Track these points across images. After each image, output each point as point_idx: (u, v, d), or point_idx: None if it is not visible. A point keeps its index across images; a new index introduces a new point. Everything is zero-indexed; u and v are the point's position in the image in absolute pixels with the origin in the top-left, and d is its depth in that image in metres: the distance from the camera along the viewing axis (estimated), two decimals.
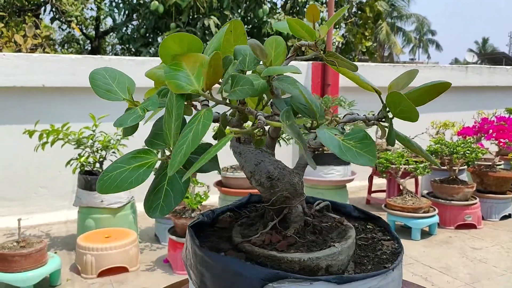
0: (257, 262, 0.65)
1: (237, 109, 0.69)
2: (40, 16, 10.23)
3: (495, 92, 6.33)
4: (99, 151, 3.26)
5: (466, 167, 4.11)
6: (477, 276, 2.87)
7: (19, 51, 6.69)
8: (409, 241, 3.49)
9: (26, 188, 4.02)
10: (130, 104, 0.66)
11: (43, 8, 11.02)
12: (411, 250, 3.29)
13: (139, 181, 0.58)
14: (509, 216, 4.14)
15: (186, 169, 0.59)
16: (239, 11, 9.30)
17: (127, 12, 9.92)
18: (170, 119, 0.59)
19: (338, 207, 0.90)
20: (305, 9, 10.66)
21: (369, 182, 4.52)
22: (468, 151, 3.79)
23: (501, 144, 4.06)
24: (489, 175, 4.05)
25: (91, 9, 13.00)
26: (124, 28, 10.22)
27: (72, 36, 14.56)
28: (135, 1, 9.57)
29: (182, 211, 2.93)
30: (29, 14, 8.97)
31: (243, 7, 9.17)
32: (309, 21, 0.71)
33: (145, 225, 3.82)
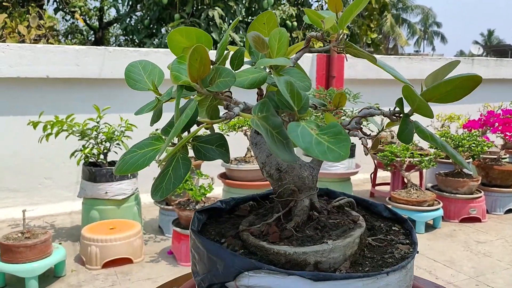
0: (249, 251, 0.67)
1: (224, 100, 0.69)
2: (44, 7, 10.20)
3: (501, 85, 6.27)
4: (103, 143, 3.26)
5: (471, 160, 4.09)
6: (481, 270, 2.86)
7: (23, 41, 6.68)
8: None
9: (31, 179, 4.03)
10: (157, 94, 0.71)
11: None
12: None
13: (144, 165, 0.61)
14: None
15: (196, 156, 0.64)
16: (244, 2, 9.24)
17: (131, 2, 9.88)
18: (176, 108, 0.62)
19: (369, 206, 0.87)
20: (310, 1, 10.57)
21: (373, 175, 4.50)
22: (473, 145, 3.77)
23: (507, 137, 4.03)
24: (494, 168, 4.03)
25: None
26: (128, 19, 10.18)
27: (75, 27, 14.54)
28: None
29: (186, 203, 2.93)
30: (32, 4, 8.95)
31: None
32: (332, 11, 0.70)
33: (149, 216, 3.83)
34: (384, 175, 4.84)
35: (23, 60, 3.83)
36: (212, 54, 0.62)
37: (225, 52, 0.67)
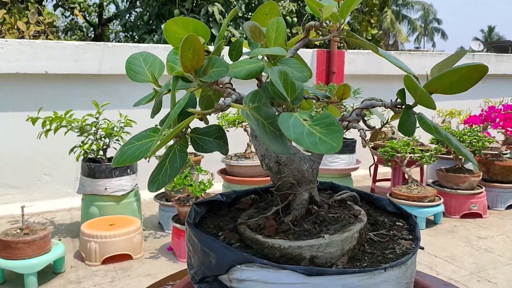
0: (246, 244, 0.67)
1: (218, 91, 0.67)
2: (43, 3, 10.16)
3: (502, 80, 6.25)
4: (103, 139, 3.24)
5: (472, 156, 4.07)
6: (482, 265, 2.85)
7: (22, 38, 6.66)
8: None
9: (30, 175, 4.02)
10: (157, 85, 0.71)
11: None
12: None
13: (140, 156, 0.61)
14: None
15: (194, 148, 0.64)
16: None
17: None
18: (172, 99, 0.62)
19: (374, 201, 0.86)
20: None
21: (373, 169, 4.49)
22: (474, 140, 3.75)
23: (508, 132, 4.02)
24: (496, 164, 4.02)
25: None
26: (128, 15, 10.15)
27: (75, 23, 14.50)
28: None
29: (186, 199, 2.92)
30: (31, 0, 8.91)
31: None
32: (335, 0, 0.68)
33: (149, 213, 3.82)
34: (384, 171, 4.82)
35: (22, 56, 3.81)
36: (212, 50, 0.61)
37: (222, 41, 0.66)
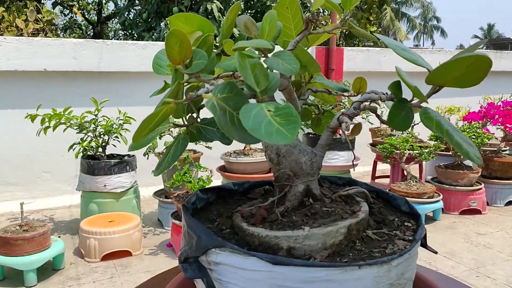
0: (234, 231, 0.70)
1: (204, 82, 0.69)
2: (42, 1, 10.15)
3: (501, 77, 6.25)
4: (102, 136, 3.24)
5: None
6: (481, 261, 2.85)
7: (21, 35, 6.65)
8: None
9: (30, 172, 4.02)
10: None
11: None
12: None
13: (146, 144, 0.68)
14: None
15: (196, 136, 0.68)
16: None
17: None
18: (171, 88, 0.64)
19: (390, 199, 0.84)
20: None
21: (373, 168, 4.49)
22: (473, 137, 3.75)
23: (507, 129, 4.02)
24: (495, 160, 4.02)
25: None
26: (126, 13, 10.13)
27: (74, 21, 14.48)
28: None
29: (185, 196, 2.92)
30: None
31: None
32: None
33: (148, 210, 3.83)
34: (383, 167, 4.82)
35: (20, 53, 3.81)
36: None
37: (209, 35, 0.67)
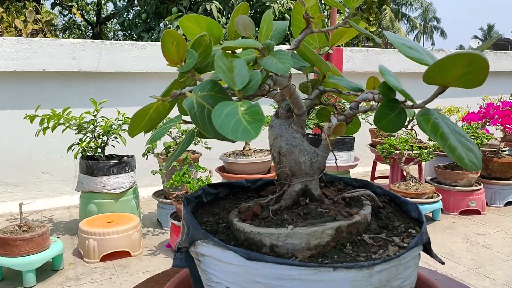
0: (225, 223, 0.74)
1: (198, 80, 0.70)
2: (41, 1, 10.14)
3: (501, 78, 6.26)
4: (101, 136, 3.24)
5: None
6: (480, 262, 2.85)
7: (20, 36, 6.64)
8: None
9: (29, 173, 4.01)
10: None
11: None
12: None
13: (158, 138, 0.72)
14: None
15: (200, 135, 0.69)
16: None
17: None
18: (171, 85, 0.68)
19: (401, 204, 0.81)
20: None
21: (372, 168, 4.49)
22: (473, 137, 3.76)
23: (506, 129, 4.02)
24: (494, 160, 4.02)
25: None
26: (126, 14, 10.13)
27: (73, 22, 14.47)
28: None
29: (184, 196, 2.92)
30: None
31: None
32: None
33: (148, 210, 3.82)
34: (383, 168, 4.83)
35: (19, 54, 3.80)
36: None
37: (202, 36, 0.67)
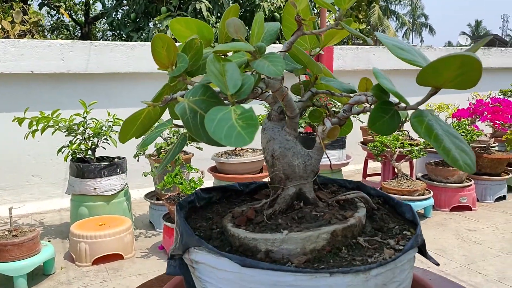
0: (219, 228, 0.73)
1: (189, 84, 0.70)
2: (28, 2, 10.02)
3: (489, 74, 6.31)
4: (91, 138, 3.21)
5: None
6: (472, 257, 2.88)
7: (7, 37, 6.56)
8: None
9: (18, 176, 3.97)
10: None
11: None
12: None
13: (149, 143, 0.70)
14: (504, 197, 4.16)
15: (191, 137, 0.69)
16: None
17: None
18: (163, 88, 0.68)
19: (395, 205, 0.81)
20: None
21: (364, 166, 4.51)
22: (463, 133, 3.78)
23: (496, 125, 4.05)
24: (484, 157, 4.05)
25: None
26: (114, 13, 10.05)
27: (61, 22, 14.33)
28: None
29: (177, 198, 2.90)
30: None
31: None
32: None
33: (140, 212, 3.80)
34: (374, 165, 4.85)
35: (6, 55, 3.75)
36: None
37: (194, 39, 0.67)
